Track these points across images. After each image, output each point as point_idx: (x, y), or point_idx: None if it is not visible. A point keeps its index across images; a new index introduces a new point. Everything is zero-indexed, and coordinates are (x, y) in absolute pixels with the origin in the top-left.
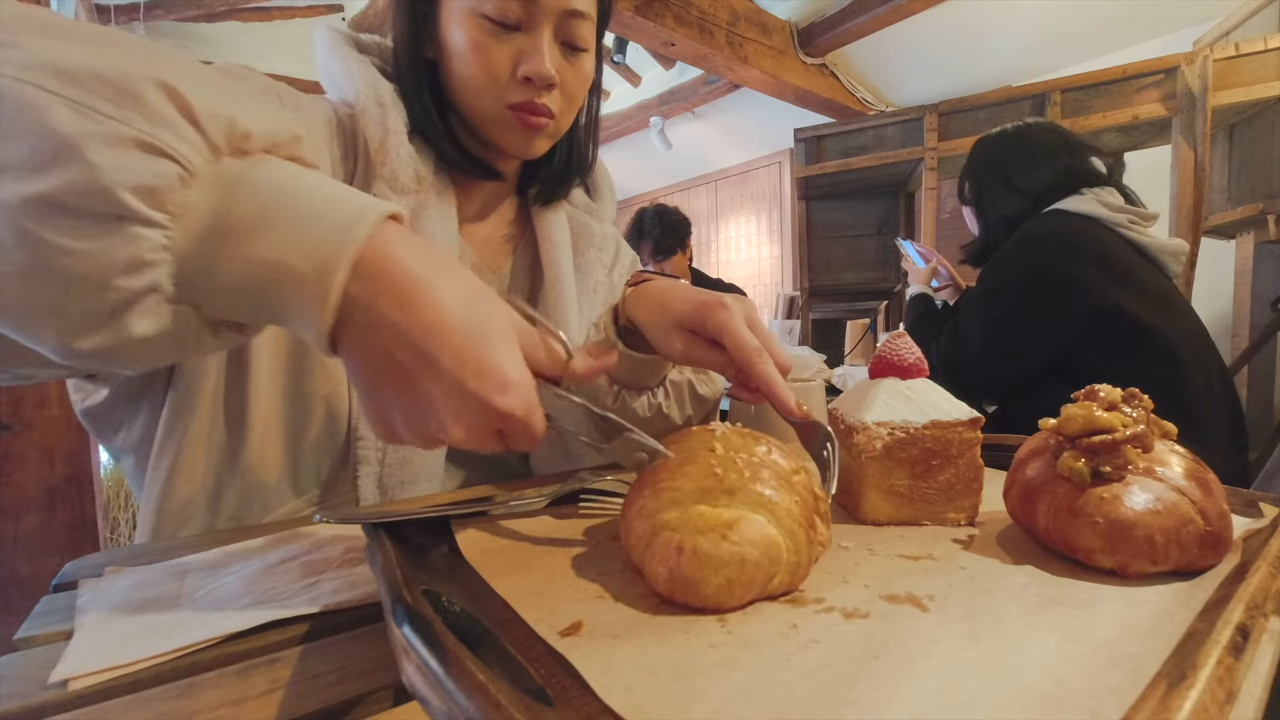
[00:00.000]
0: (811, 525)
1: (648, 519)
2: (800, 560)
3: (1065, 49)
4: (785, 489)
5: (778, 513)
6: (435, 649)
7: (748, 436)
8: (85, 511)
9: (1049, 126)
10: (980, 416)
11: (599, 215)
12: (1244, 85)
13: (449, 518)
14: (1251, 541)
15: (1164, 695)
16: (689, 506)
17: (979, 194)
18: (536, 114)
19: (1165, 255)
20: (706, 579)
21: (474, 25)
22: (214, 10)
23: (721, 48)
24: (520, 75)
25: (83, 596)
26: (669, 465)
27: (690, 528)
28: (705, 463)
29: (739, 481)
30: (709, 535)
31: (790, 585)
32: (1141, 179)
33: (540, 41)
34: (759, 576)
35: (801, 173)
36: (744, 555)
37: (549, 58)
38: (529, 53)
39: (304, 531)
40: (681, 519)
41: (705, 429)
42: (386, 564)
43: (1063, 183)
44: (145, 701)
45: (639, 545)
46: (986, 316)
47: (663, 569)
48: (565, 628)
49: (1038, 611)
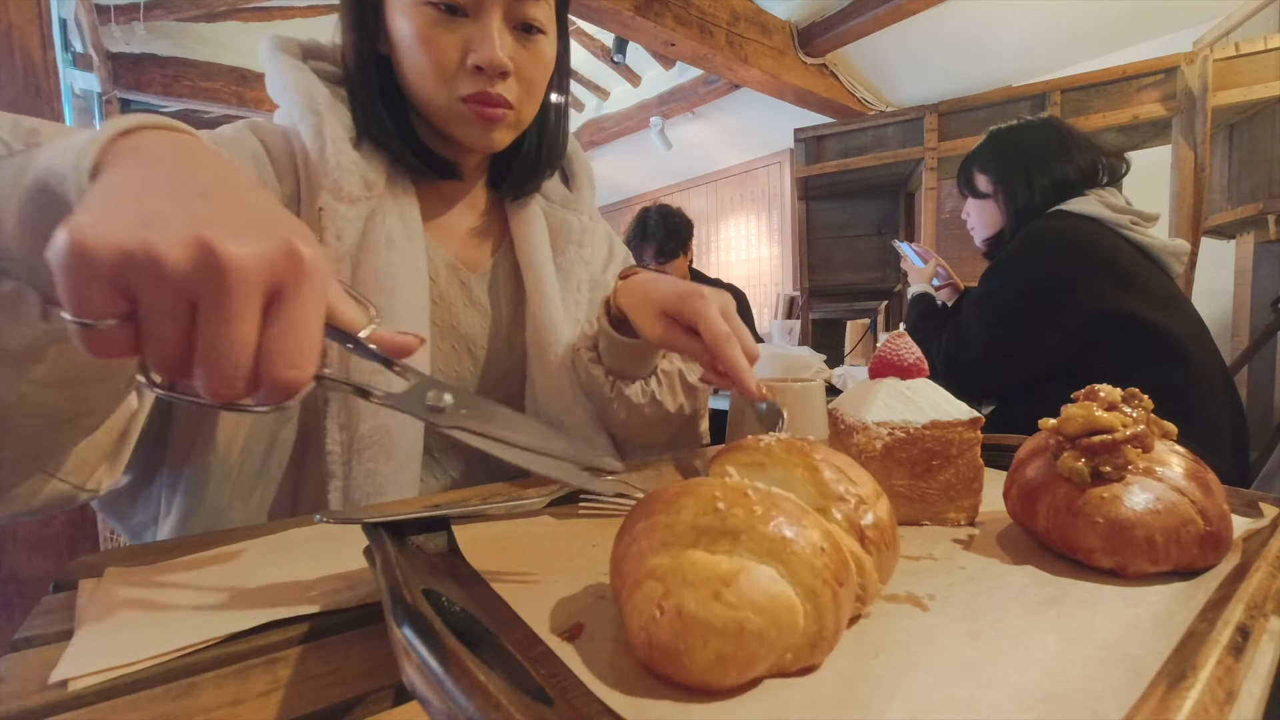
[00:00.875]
0: (842, 578)
1: (634, 561)
2: (824, 629)
3: (1065, 49)
4: (809, 528)
5: (794, 564)
6: (435, 649)
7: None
8: (85, 511)
9: (1064, 122)
10: (980, 417)
11: (577, 208)
12: (1244, 85)
13: (449, 518)
14: (1251, 541)
15: (1164, 695)
16: (681, 550)
17: (1006, 180)
18: (491, 104)
19: (1167, 255)
20: (691, 650)
21: (419, 15)
22: (214, 10)
23: (721, 48)
24: (470, 64)
25: (83, 596)
26: (669, 493)
27: (678, 579)
28: (708, 493)
29: (745, 519)
30: (698, 591)
31: (810, 662)
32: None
33: (489, 27)
34: (762, 651)
35: (801, 173)
36: (742, 622)
37: (499, 44)
38: (478, 40)
39: (304, 532)
40: (669, 567)
41: (755, 442)
42: (386, 564)
43: (1086, 174)
44: (145, 701)
45: (621, 591)
46: (989, 317)
47: (641, 631)
48: (566, 630)
49: (1038, 611)
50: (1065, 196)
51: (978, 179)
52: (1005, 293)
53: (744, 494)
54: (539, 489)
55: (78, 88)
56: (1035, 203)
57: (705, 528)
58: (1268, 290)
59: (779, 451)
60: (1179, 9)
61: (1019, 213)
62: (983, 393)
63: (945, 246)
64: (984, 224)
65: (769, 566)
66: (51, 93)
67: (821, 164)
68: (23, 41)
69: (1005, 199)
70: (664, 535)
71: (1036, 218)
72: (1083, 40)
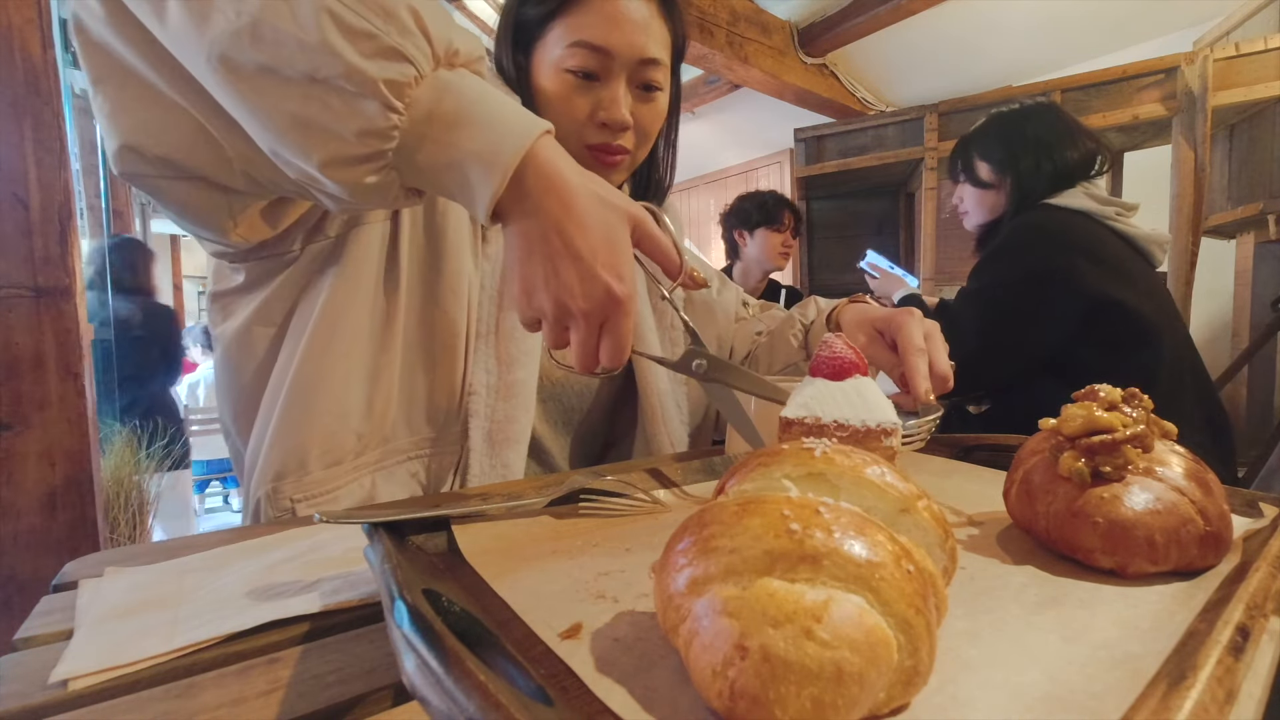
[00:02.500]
0: (928, 595)
1: (693, 590)
2: (920, 663)
3: (1065, 49)
4: (886, 544)
5: (885, 592)
6: (435, 649)
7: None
8: (85, 511)
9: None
10: (894, 427)
11: None
12: (1244, 85)
13: (449, 517)
14: (1251, 541)
15: (1164, 695)
16: (752, 579)
17: (1012, 168)
18: (612, 154)
19: (1151, 245)
20: (784, 699)
21: (559, 79)
22: None
23: (721, 48)
24: (598, 121)
25: (83, 596)
26: (725, 512)
27: (756, 614)
28: (775, 511)
29: (824, 542)
30: (784, 629)
31: (904, 700)
32: (1141, 179)
33: (616, 91)
34: (862, 695)
35: (802, 173)
36: (840, 663)
37: (624, 105)
38: (607, 102)
39: (304, 531)
40: (743, 600)
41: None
42: (386, 564)
43: (1085, 163)
44: (145, 701)
45: (680, 626)
46: (983, 310)
47: (716, 678)
48: (565, 629)
49: (1038, 611)
50: (1062, 186)
51: (979, 165)
52: (997, 286)
53: (816, 511)
54: (539, 489)
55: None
56: (1039, 189)
57: (781, 553)
58: (1268, 290)
59: (840, 459)
60: (1179, 9)
61: (1024, 195)
62: (979, 386)
63: (945, 246)
64: (982, 210)
65: (858, 595)
66: (51, 93)
67: (822, 164)
68: (23, 41)
69: (1012, 185)
70: (728, 561)
71: (1029, 209)
72: (1083, 40)
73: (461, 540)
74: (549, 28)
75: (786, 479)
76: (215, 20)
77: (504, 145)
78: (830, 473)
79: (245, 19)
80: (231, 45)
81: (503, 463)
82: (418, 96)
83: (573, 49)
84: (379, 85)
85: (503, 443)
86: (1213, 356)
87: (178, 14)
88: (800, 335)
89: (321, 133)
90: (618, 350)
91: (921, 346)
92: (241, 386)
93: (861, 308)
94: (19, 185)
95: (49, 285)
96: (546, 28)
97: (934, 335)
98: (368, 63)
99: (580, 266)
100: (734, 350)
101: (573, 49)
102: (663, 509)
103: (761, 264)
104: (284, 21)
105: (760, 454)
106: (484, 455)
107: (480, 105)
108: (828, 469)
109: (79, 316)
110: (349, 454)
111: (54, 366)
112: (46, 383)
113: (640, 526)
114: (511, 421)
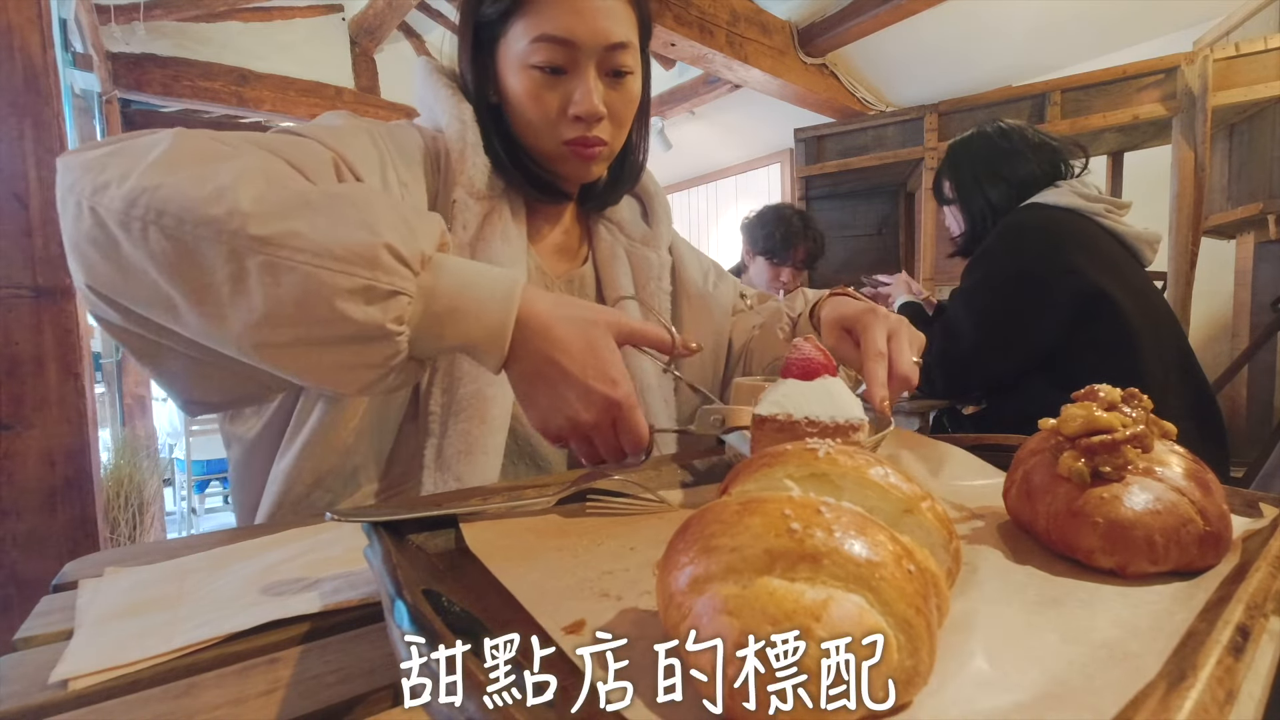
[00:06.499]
0: (929, 595)
1: (694, 589)
2: (919, 663)
3: (1065, 49)
4: (887, 544)
5: (884, 591)
6: (435, 649)
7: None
8: (85, 511)
9: (1023, 125)
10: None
11: (656, 245)
12: (1244, 85)
13: (454, 516)
14: (1251, 541)
15: (1164, 695)
16: (752, 578)
17: (963, 187)
18: (590, 146)
19: (1141, 243)
20: (783, 697)
21: (526, 77)
22: (214, 10)
23: (721, 48)
24: (571, 115)
25: (83, 596)
26: (726, 511)
27: (755, 613)
28: (776, 510)
29: (825, 541)
30: (784, 628)
31: (904, 700)
32: (1141, 179)
33: (586, 81)
34: (859, 694)
35: (802, 172)
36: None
37: (596, 95)
38: (578, 94)
39: (304, 531)
40: (742, 598)
41: (804, 446)
42: (387, 564)
43: (1047, 171)
44: (145, 701)
45: (681, 624)
46: (978, 308)
47: (715, 675)
48: (568, 625)
49: (1038, 611)
50: (1031, 194)
51: (945, 186)
52: (990, 284)
53: (817, 511)
54: (544, 489)
55: (78, 88)
56: (996, 204)
57: (780, 551)
58: (1268, 290)
59: (843, 460)
60: (1179, 9)
61: (974, 216)
62: (975, 384)
63: (945, 247)
64: (953, 226)
65: (857, 595)
66: (51, 93)
67: (822, 164)
68: (23, 41)
69: (961, 204)
70: (729, 559)
71: (1005, 215)
72: (1083, 40)
73: (469, 536)
74: (509, 24)
75: (789, 479)
76: (232, 320)
77: (497, 324)
78: (833, 473)
79: (257, 314)
80: (256, 335)
81: (454, 476)
82: (413, 311)
83: (536, 44)
84: (385, 326)
85: (453, 457)
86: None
87: (194, 319)
88: (788, 329)
89: (349, 371)
90: (636, 441)
91: (881, 350)
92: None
93: (837, 303)
94: (19, 185)
95: (49, 285)
96: (507, 24)
97: (898, 334)
98: (372, 310)
99: (576, 386)
100: (732, 343)
101: (536, 44)
102: (668, 508)
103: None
104: (290, 308)
105: (764, 455)
106: (434, 471)
107: (466, 294)
108: (831, 469)
109: (79, 316)
110: None
111: (54, 366)
112: (46, 383)
113: (646, 525)
114: (464, 435)
